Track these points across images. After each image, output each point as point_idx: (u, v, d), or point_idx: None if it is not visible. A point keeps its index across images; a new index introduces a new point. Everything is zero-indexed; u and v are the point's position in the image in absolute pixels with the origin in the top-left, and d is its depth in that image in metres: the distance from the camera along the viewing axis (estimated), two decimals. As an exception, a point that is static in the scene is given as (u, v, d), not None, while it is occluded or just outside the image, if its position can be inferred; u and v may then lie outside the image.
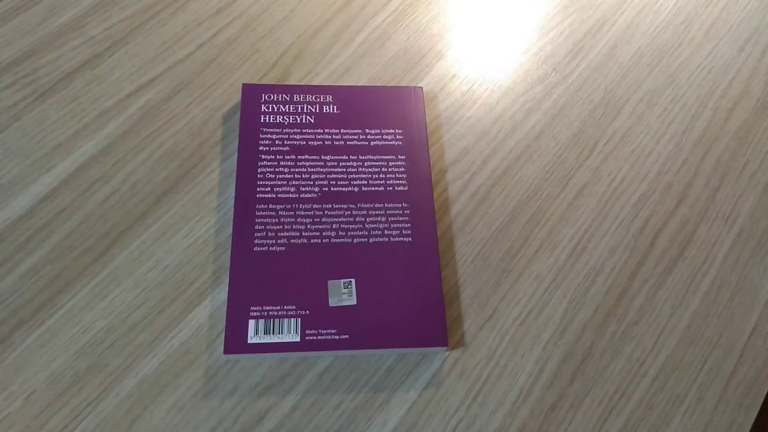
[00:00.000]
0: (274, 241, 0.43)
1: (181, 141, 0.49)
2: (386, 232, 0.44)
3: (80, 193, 0.46)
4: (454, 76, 0.54)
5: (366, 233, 0.44)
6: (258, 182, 0.45)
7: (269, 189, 0.45)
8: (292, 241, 0.43)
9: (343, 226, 0.44)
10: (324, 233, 0.44)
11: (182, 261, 0.44)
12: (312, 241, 0.43)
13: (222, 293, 0.43)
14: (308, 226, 0.44)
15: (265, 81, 0.52)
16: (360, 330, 0.41)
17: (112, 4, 0.55)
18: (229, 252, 0.44)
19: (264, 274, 0.42)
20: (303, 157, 0.47)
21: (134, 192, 0.47)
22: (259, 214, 0.44)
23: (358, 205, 0.45)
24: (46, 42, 0.53)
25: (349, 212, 0.45)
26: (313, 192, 0.45)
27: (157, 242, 0.44)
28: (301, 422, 0.39)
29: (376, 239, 0.44)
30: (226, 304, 0.42)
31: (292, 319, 0.40)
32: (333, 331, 0.40)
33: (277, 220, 0.44)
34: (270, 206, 0.44)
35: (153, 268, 0.44)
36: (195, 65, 0.53)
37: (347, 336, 0.40)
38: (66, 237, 0.44)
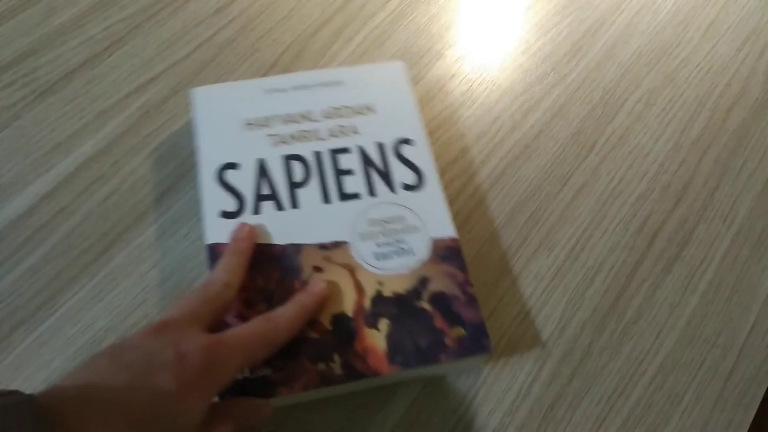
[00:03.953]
0: None
1: (181, 141, 0.49)
2: None
3: (79, 193, 0.46)
4: (453, 75, 0.54)
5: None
6: None
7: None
8: None
9: None
10: None
11: (182, 261, 0.44)
12: None
13: (221, 293, 0.43)
14: None
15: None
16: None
17: (111, 4, 0.55)
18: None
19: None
20: None
21: (134, 192, 0.47)
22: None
23: None
24: (45, 42, 0.53)
25: None
26: None
27: (156, 242, 0.45)
28: (301, 421, 0.39)
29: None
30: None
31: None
32: None
33: None
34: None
35: (152, 267, 0.44)
36: (194, 65, 0.53)
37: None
38: (65, 237, 0.44)
